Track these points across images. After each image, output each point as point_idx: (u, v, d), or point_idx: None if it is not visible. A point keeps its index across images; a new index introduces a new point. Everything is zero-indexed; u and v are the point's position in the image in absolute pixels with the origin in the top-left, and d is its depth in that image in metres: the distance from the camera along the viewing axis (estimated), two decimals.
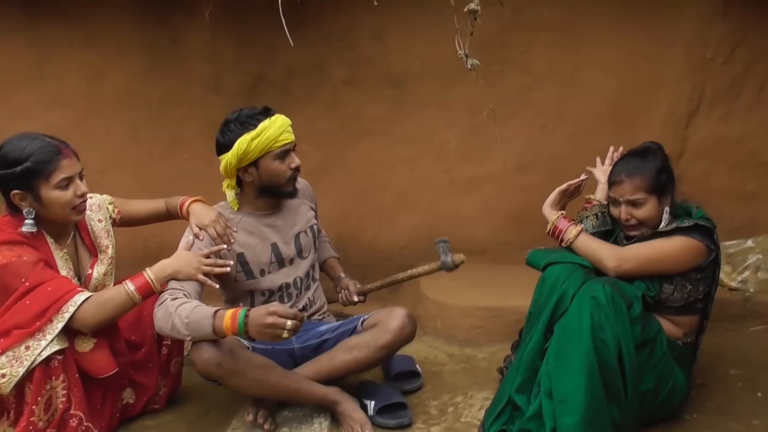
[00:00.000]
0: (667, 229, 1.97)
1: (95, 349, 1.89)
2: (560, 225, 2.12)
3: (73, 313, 1.80)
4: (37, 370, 1.77)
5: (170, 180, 3.23)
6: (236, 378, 1.89)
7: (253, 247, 2.14)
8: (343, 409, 2.02)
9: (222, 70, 3.12)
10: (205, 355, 1.85)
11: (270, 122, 2.02)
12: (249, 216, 2.17)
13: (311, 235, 2.29)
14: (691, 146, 3.04)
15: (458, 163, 3.18)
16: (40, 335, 1.77)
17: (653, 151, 2.07)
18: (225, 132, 2.06)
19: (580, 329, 1.77)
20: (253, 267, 2.14)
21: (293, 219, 2.24)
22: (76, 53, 3.10)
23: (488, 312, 2.76)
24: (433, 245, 3.23)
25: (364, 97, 3.12)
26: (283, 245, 2.19)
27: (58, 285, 1.82)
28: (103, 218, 2.14)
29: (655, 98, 3.02)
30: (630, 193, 2.02)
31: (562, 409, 1.73)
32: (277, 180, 2.09)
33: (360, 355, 2.04)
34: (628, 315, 1.80)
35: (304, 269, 2.25)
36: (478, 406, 2.22)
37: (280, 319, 1.74)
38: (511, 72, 3.04)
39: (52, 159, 1.85)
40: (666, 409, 1.99)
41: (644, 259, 1.95)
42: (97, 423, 1.95)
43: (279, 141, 2.03)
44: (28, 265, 1.81)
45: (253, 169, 2.07)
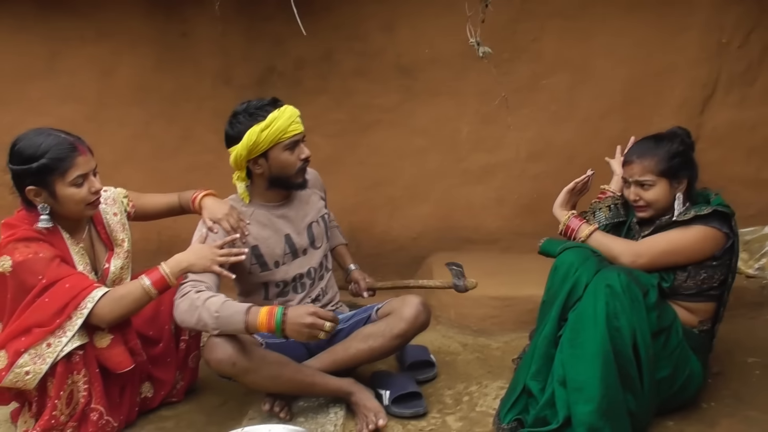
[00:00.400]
0: (685, 218, 1.95)
1: (112, 345, 1.91)
2: (572, 224, 2.11)
3: (91, 308, 1.82)
4: (60, 365, 1.79)
5: (182, 173, 3.24)
6: (250, 375, 1.90)
7: (266, 239, 2.14)
8: (357, 399, 2.03)
9: (232, 63, 3.12)
10: (218, 355, 1.86)
11: (279, 113, 2.01)
12: (261, 208, 2.17)
13: (323, 225, 2.29)
14: (706, 132, 3.01)
15: (470, 152, 3.17)
16: (60, 332, 1.79)
17: (672, 135, 2.06)
18: (234, 124, 2.05)
19: (594, 317, 1.76)
20: (267, 259, 2.15)
21: (305, 209, 2.24)
22: (87, 48, 3.11)
23: (501, 301, 2.75)
24: (445, 235, 3.26)
25: (374, 88, 3.11)
26: (296, 236, 2.19)
27: (75, 281, 1.83)
28: (118, 212, 2.14)
29: (668, 84, 2.99)
30: (639, 174, 2.03)
31: (577, 397, 1.72)
32: (287, 171, 2.09)
33: (375, 344, 2.05)
34: (644, 303, 1.79)
35: (318, 259, 2.25)
36: (493, 395, 2.22)
37: (319, 320, 1.78)
38: (522, 60, 3.02)
39: (67, 156, 1.86)
40: (682, 398, 1.98)
41: (660, 252, 1.94)
42: (116, 417, 1.97)
43: (288, 132, 2.02)
44: (45, 261, 1.82)
45: (263, 160, 2.06)
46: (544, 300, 2.03)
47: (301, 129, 2.07)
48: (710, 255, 1.94)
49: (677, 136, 2.06)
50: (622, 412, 1.73)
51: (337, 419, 2.00)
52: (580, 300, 1.83)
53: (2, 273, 1.82)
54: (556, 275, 1.98)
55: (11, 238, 1.85)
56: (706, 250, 1.94)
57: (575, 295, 1.86)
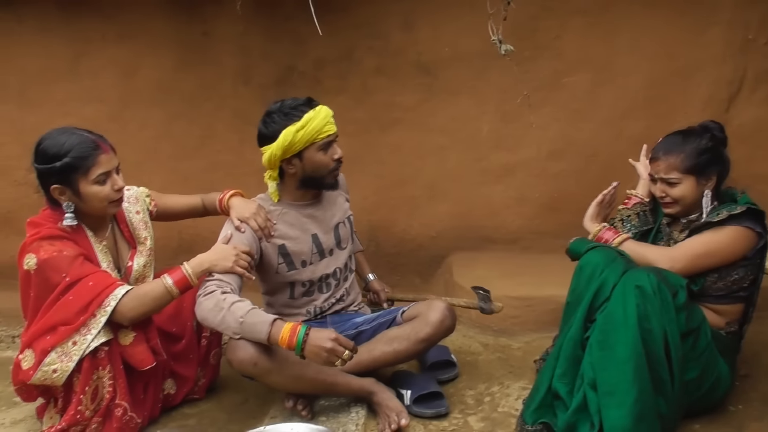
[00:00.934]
0: (718, 219, 1.91)
1: (135, 342, 1.92)
2: (604, 236, 2.07)
3: (114, 306, 1.83)
4: (86, 361, 1.81)
5: (202, 172, 3.26)
6: (272, 376, 1.91)
7: (293, 239, 2.15)
8: (379, 399, 2.02)
9: (252, 62, 3.13)
10: (241, 355, 1.86)
11: (314, 113, 2.01)
12: (289, 207, 2.18)
13: (349, 226, 2.30)
14: (732, 130, 2.89)
15: (490, 151, 3.15)
16: (85, 330, 1.81)
17: (703, 130, 2.02)
18: (268, 123, 2.04)
19: (625, 319, 1.72)
20: (294, 258, 2.15)
21: (332, 210, 2.24)
22: (109, 49, 3.14)
23: (523, 301, 2.73)
24: (464, 234, 3.24)
25: (394, 86, 3.11)
26: (323, 236, 2.20)
27: (98, 279, 1.85)
28: (140, 210, 2.16)
29: (693, 82, 2.94)
30: (665, 171, 2.00)
31: (608, 401, 1.69)
32: (321, 171, 2.09)
33: (400, 347, 2.04)
34: (673, 304, 1.75)
35: (343, 260, 2.26)
36: (515, 395, 2.20)
37: (340, 347, 1.78)
38: (543, 57, 2.99)
39: (90, 155, 1.88)
40: (709, 400, 1.95)
41: (695, 256, 1.90)
42: (140, 413, 1.99)
43: (323, 132, 2.03)
44: (69, 259, 1.84)
45: (296, 160, 2.06)
46: (568, 301, 2.00)
47: (335, 129, 2.08)
48: (743, 255, 1.91)
49: (708, 131, 2.02)
50: (654, 416, 1.69)
51: (358, 418, 2.00)
52: (608, 301, 1.80)
53: (27, 271, 1.85)
54: (581, 276, 1.94)
55: (36, 237, 1.87)
56: (739, 251, 1.90)
57: (602, 296, 1.83)
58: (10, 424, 2.14)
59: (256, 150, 3.23)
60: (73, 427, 1.84)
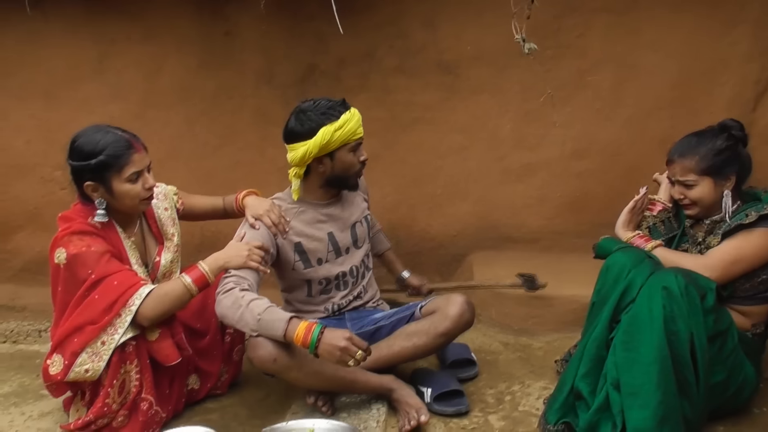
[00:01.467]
0: (749, 221, 1.88)
1: (160, 338, 1.96)
2: (636, 242, 2.03)
3: (139, 305, 1.85)
4: (114, 355, 1.85)
5: (224, 170, 3.29)
6: (292, 372, 1.92)
7: (309, 237, 2.17)
8: (399, 396, 2.03)
9: (274, 62, 3.15)
10: (261, 352, 1.88)
11: (350, 115, 2.06)
12: (308, 205, 2.20)
13: (366, 225, 2.32)
14: (758, 130, 2.90)
15: (511, 150, 3.13)
16: (112, 329, 1.84)
17: (721, 129, 2.00)
18: (303, 121, 2.05)
19: (650, 321, 1.70)
20: (310, 256, 2.17)
21: (350, 209, 2.27)
22: (134, 48, 3.18)
23: (543, 301, 2.72)
24: (485, 234, 3.23)
25: (415, 85, 3.11)
26: (340, 234, 2.22)
27: (123, 278, 1.88)
28: (168, 207, 2.20)
29: (719, 81, 2.90)
30: (680, 174, 1.99)
31: (631, 402, 1.67)
32: (348, 172, 2.14)
33: (419, 342, 2.05)
34: (701, 306, 1.73)
35: (359, 258, 2.28)
36: (536, 395, 2.20)
37: (353, 347, 1.79)
38: (567, 56, 2.96)
39: (124, 153, 1.91)
40: (735, 403, 1.93)
41: (729, 263, 1.87)
42: (164, 407, 2.02)
43: (356, 134, 2.09)
44: (96, 256, 1.88)
45: (327, 159, 2.10)
46: (593, 301, 1.98)
47: (363, 132, 2.13)
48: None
49: (725, 130, 1.99)
50: (678, 418, 1.67)
51: (379, 415, 2.00)
52: (634, 302, 1.78)
53: (57, 265, 1.88)
54: (607, 276, 1.92)
55: (67, 231, 1.91)
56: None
57: (629, 296, 1.81)
58: (38, 416, 2.18)
59: (278, 148, 3.26)
60: (99, 419, 1.87)
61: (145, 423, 1.93)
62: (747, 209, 1.93)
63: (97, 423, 1.88)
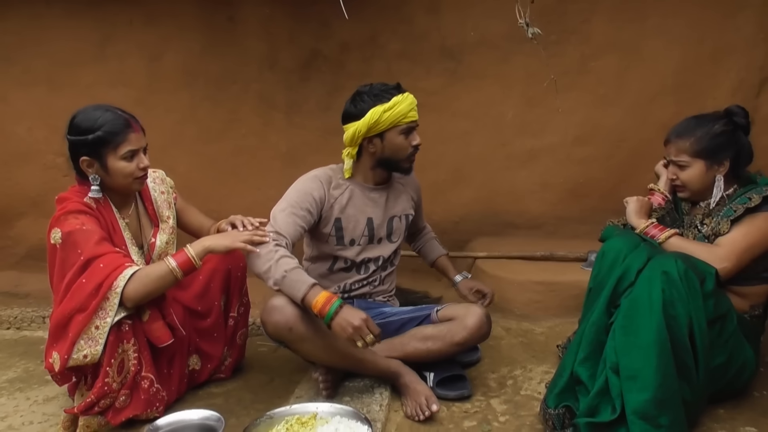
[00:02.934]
0: (755, 204, 1.89)
1: (150, 320, 1.95)
2: (650, 232, 2.00)
3: (123, 286, 1.85)
4: (111, 334, 1.85)
5: (227, 156, 3.29)
6: (305, 343, 1.94)
7: (349, 216, 2.19)
8: (406, 381, 2.04)
9: (277, 47, 3.14)
10: (277, 317, 1.90)
11: (402, 98, 2.08)
12: (356, 186, 2.21)
13: (404, 222, 2.32)
14: (763, 116, 2.90)
15: (515, 136, 3.13)
16: (103, 313, 1.84)
17: (721, 115, 1.99)
18: (357, 102, 2.10)
19: (650, 305, 1.70)
20: (345, 234, 2.19)
21: (394, 202, 2.28)
22: (136, 33, 3.17)
23: (546, 286, 2.73)
24: (487, 219, 3.23)
25: (418, 71, 3.10)
26: (378, 222, 2.23)
27: (109, 261, 1.87)
28: (165, 191, 2.22)
29: (723, 66, 2.89)
30: (674, 154, 2.01)
31: (631, 385, 1.67)
32: (399, 155, 2.14)
33: (434, 347, 2.07)
34: (701, 290, 1.74)
35: (389, 251, 2.28)
36: (537, 379, 2.21)
37: (366, 329, 1.82)
38: (570, 41, 2.96)
39: (121, 131, 1.93)
40: (735, 386, 1.94)
41: (741, 251, 1.86)
42: (166, 386, 2.03)
43: (408, 117, 2.09)
44: (87, 235, 1.88)
45: (378, 140, 2.12)
46: (591, 287, 1.99)
47: (417, 117, 2.14)
48: None
49: (729, 116, 1.99)
50: (678, 401, 1.68)
51: (382, 399, 2.02)
52: (633, 286, 1.78)
53: (54, 245, 1.90)
54: (603, 261, 1.93)
55: (62, 211, 1.93)
56: None
57: (626, 281, 1.82)
58: (43, 401, 2.20)
59: (280, 134, 3.28)
60: (102, 399, 1.88)
61: (148, 401, 1.95)
62: (746, 192, 1.94)
63: (99, 404, 1.89)
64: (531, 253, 2.92)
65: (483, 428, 1.93)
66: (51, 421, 2.06)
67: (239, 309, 2.28)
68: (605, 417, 1.71)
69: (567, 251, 2.88)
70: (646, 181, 2.22)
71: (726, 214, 1.95)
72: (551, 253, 2.89)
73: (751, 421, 1.88)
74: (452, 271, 2.49)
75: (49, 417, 2.09)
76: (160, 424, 1.71)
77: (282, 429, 1.81)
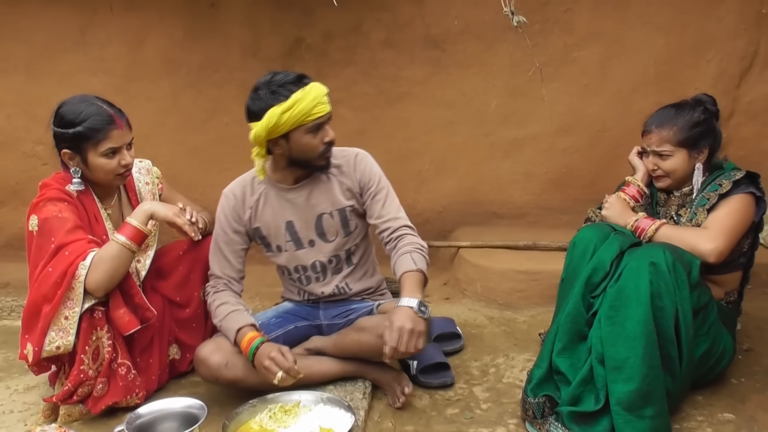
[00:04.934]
0: (725, 190, 1.92)
1: (112, 307, 1.90)
2: (641, 225, 1.98)
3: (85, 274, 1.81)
4: (83, 322, 1.83)
5: (210, 145, 3.27)
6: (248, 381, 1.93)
7: (267, 222, 2.07)
8: (373, 376, 2.04)
9: (260, 34, 3.11)
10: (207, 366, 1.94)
11: (303, 94, 1.84)
12: (272, 188, 2.06)
13: (339, 219, 2.06)
14: (742, 107, 2.94)
15: (498, 126, 3.14)
16: (71, 303, 1.81)
17: (696, 103, 2.02)
18: (255, 99, 1.89)
19: (637, 296, 1.70)
20: (270, 241, 2.10)
21: (318, 198, 2.05)
22: (116, 19, 3.12)
23: (528, 275, 2.74)
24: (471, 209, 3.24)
25: (402, 60, 3.09)
26: (301, 224, 2.06)
27: (74, 248, 1.83)
28: (150, 182, 2.19)
29: (705, 57, 2.91)
30: (656, 144, 2.01)
31: (616, 376, 1.68)
32: (308, 154, 1.94)
33: (363, 339, 1.94)
34: (688, 282, 1.74)
35: (328, 253, 2.08)
36: (519, 367, 2.23)
37: (275, 366, 1.79)
38: (554, 31, 2.96)
39: (103, 128, 1.89)
40: (714, 372, 1.97)
41: (730, 229, 1.88)
42: (146, 375, 2.03)
43: (312, 114, 1.86)
44: (61, 222, 1.85)
45: (283, 141, 1.91)
46: (563, 277, 1.98)
47: (327, 110, 1.90)
48: (753, 220, 1.93)
49: (701, 104, 2.01)
50: (662, 393, 1.68)
51: (365, 387, 2.02)
52: (621, 276, 1.76)
53: (31, 232, 1.88)
54: (574, 252, 1.94)
55: (42, 198, 1.91)
56: (750, 217, 1.92)
57: (600, 271, 1.82)
58: (23, 390, 2.18)
59: None
60: (79, 387, 1.87)
61: (126, 387, 1.93)
62: (716, 178, 1.97)
63: (78, 392, 1.87)
64: (514, 243, 2.94)
65: (466, 416, 1.95)
66: (32, 410, 2.05)
67: None
68: (589, 406, 1.72)
69: (550, 241, 2.89)
70: (628, 172, 2.22)
71: (700, 203, 1.97)
72: (534, 243, 2.91)
73: (728, 407, 1.91)
74: (405, 291, 1.84)
75: (29, 406, 2.07)
76: (142, 412, 1.70)
77: (265, 417, 1.81)
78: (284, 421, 1.80)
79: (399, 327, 1.73)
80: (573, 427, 1.71)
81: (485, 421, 1.92)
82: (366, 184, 2.05)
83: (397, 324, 1.74)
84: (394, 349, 1.72)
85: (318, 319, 2.18)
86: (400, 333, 1.73)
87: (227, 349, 1.94)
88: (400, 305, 1.79)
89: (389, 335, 1.73)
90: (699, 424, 1.84)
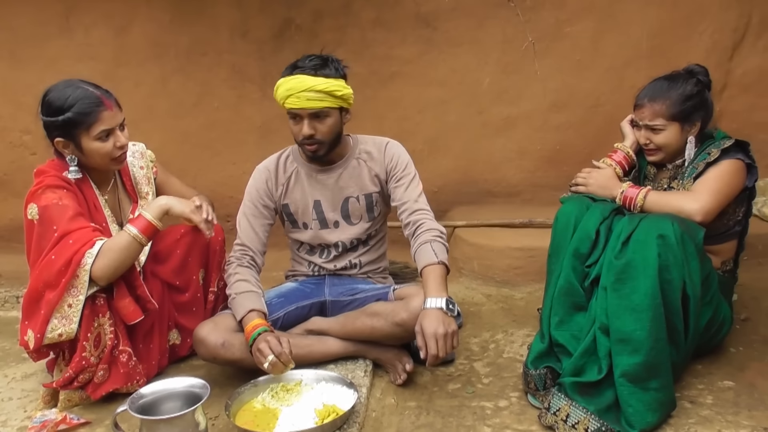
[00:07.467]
0: (714, 158, 1.92)
1: (117, 297, 1.89)
2: (629, 194, 1.96)
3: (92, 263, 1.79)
4: (86, 308, 1.81)
5: (200, 130, 3.23)
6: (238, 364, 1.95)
7: (296, 200, 2.14)
8: (374, 355, 2.04)
9: (249, 15, 3.07)
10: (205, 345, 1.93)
11: (283, 81, 1.96)
12: (303, 167, 2.14)
13: (364, 203, 2.13)
14: (735, 79, 2.94)
15: (491, 103, 3.12)
16: (75, 291, 1.79)
17: (688, 75, 2.00)
18: None
19: (644, 268, 1.68)
20: (297, 218, 2.15)
21: (347, 182, 2.12)
22: (101, 3, 3.08)
23: (525, 252, 2.75)
24: (466, 188, 3.24)
25: (393, 39, 3.06)
26: (328, 205, 2.13)
27: (78, 237, 1.81)
28: (144, 166, 2.16)
29: (697, 29, 2.90)
30: (649, 118, 1.99)
31: (621, 348, 1.67)
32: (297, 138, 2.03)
33: (377, 325, 1.96)
34: (696, 253, 1.72)
35: (350, 235, 2.15)
36: (519, 342, 2.23)
37: (267, 349, 1.78)
38: (545, 7, 2.94)
39: (92, 111, 1.85)
40: (713, 341, 1.98)
41: (716, 191, 1.87)
42: (146, 360, 2.01)
43: (287, 103, 1.95)
44: (62, 210, 1.83)
45: None
46: (549, 253, 1.98)
47: (300, 105, 1.93)
48: (743, 186, 1.93)
49: (693, 76, 1.99)
50: (668, 365, 1.68)
51: (366, 365, 2.02)
52: (626, 247, 1.73)
53: (31, 221, 1.84)
54: (557, 226, 1.95)
55: (40, 185, 1.88)
56: (740, 182, 1.92)
57: (587, 240, 1.81)
58: (21, 377, 2.17)
59: (255, 107, 3.22)
60: (80, 374, 1.85)
61: (127, 374, 1.92)
62: (706, 148, 1.97)
63: (78, 379, 1.86)
64: (510, 221, 2.93)
65: (467, 390, 1.95)
66: (31, 396, 2.03)
67: (219, 283, 2.24)
68: (592, 376, 1.71)
69: (545, 218, 2.89)
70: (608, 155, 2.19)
71: (690, 173, 1.97)
72: (530, 220, 2.90)
73: (728, 375, 1.93)
74: (430, 289, 1.84)
75: (28, 393, 2.06)
76: (144, 392, 1.68)
77: (267, 396, 1.81)
78: (286, 399, 1.79)
79: (433, 333, 1.73)
80: (576, 398, 1.71)
81: (487, 394, 1.92)
82: (393, 170, 2.11)
83: (430, 331, 1.74)
84: (435, 356, 1.73)
85: (323, 296, 2.18)
86: (435, 339, 1.73)
87: (225, 329, 1.95)
88: (428, 307, 1.79)
89: (425, 343, 1.74)
90: (700, 392, 1.85)
